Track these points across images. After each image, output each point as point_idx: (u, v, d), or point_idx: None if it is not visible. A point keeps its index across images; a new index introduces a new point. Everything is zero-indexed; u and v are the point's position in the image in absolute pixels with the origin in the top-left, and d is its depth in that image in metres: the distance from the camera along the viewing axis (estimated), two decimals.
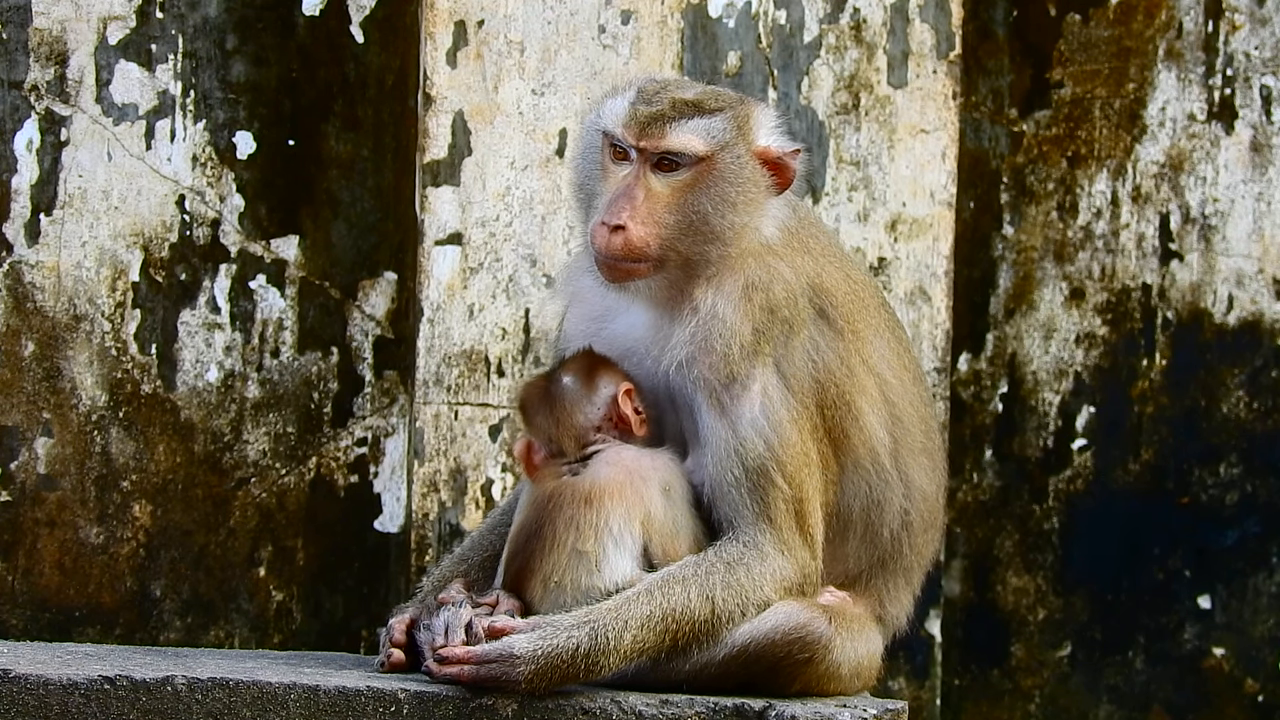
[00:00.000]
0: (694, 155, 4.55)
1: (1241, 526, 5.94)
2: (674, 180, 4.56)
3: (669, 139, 4.55)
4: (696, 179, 4.56)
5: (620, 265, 4.54)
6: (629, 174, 4.57)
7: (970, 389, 5.93)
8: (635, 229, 4.52)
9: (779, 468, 4.51)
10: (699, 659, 4.47)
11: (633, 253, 4.53)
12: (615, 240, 4.52)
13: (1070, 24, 5.94)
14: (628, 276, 4.56)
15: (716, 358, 4.55)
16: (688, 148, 4.55)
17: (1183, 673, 5.94)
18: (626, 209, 4.52)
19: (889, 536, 4.72)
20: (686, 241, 4.55)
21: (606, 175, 4.60)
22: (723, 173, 4.57)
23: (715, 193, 4.56)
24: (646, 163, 4.56)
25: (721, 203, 4.56)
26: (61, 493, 5.60)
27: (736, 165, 4.58)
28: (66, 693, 4.37)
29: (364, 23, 5.69)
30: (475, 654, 4.36)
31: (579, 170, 4.73)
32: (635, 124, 4.56)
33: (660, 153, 4.55)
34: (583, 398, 4.61)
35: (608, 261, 4.55)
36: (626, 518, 4.49)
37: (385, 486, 5.70)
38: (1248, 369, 5.95)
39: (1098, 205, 5.94)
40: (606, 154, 4.61)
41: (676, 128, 4.56)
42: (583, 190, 4.70)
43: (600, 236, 4.54)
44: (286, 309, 5.67)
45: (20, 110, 5.58)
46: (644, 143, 4.55)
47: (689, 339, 4.56)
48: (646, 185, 4.55)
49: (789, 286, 4.60)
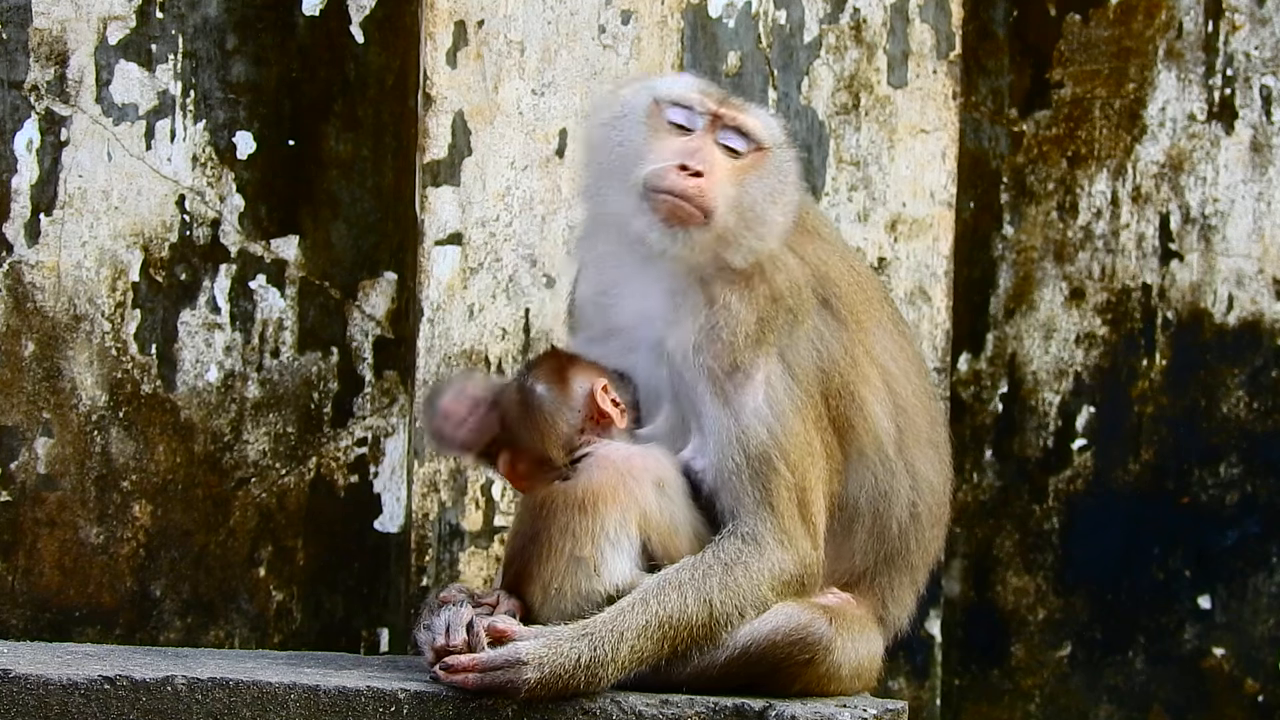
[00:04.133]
0: (759, 140, 4.61)
1: (1241, 526, 5.95)
2: (732, 162, 4.59)
3: (746, 116, 4.62)
4: (751, 166, 4.60)
5: (683, 207, 4.52)
6: (695, 139, 4.59)
7: (970, 389, 5.93)
8: (708, 180, 4.53)
9: (782, 455, 4.51)
10: (700, 662, 4.47)
11: (700, 197, 4.52)
12: (690, 181, 4.52)
13: (1070, 24, 5.94)
14: (684, 222, 4.53)
15: (721, 346, 4.55)
16: (756, 130, 4.61)
17: (1183, 673, 5.94)
18: (702, 162, 4.54)
19: (897, 530, 4.71)
20: (737, 219, 4.56)
21: (658, 138, 4.60)
22: (777, 168, 4.63)
23: (768, 185, 4.61)
24: (711, 133, 4.60)
25: (770, 195, 4.60)
26: (61, 493, 5.60)
27: (786, 164, 4.65)
28: (66, 693, 4.37)
29: (364, 23, 5.69)
30: (481, 661, 4.35)
31: (610, 137, 4.67)
32: (714, 94, 4.63)
33: (734, 126, 4.59)
34: (561, 404, 4.57)
35: (672, 197, 4.52)
36: (622, 520, 4.47)
37: (385, 486, 5.70)
38: (1248, 369, 5.95)
39: (1098, 205, 5.94)
40: (658, 119, 4.61)
41: (750, 109, 4.65)
42: (619, 156, 4.63)
43: (673, 174, 4.52)
44: (286, 309, 5.67)
45: (20, 110, 5.59)
46: (723, 110, 4.59)
47: (698, 328, 4.56)
48: (714, 153, 4.58)
49: (794, 276, 4.61)
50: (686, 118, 4.60)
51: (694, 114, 4.59)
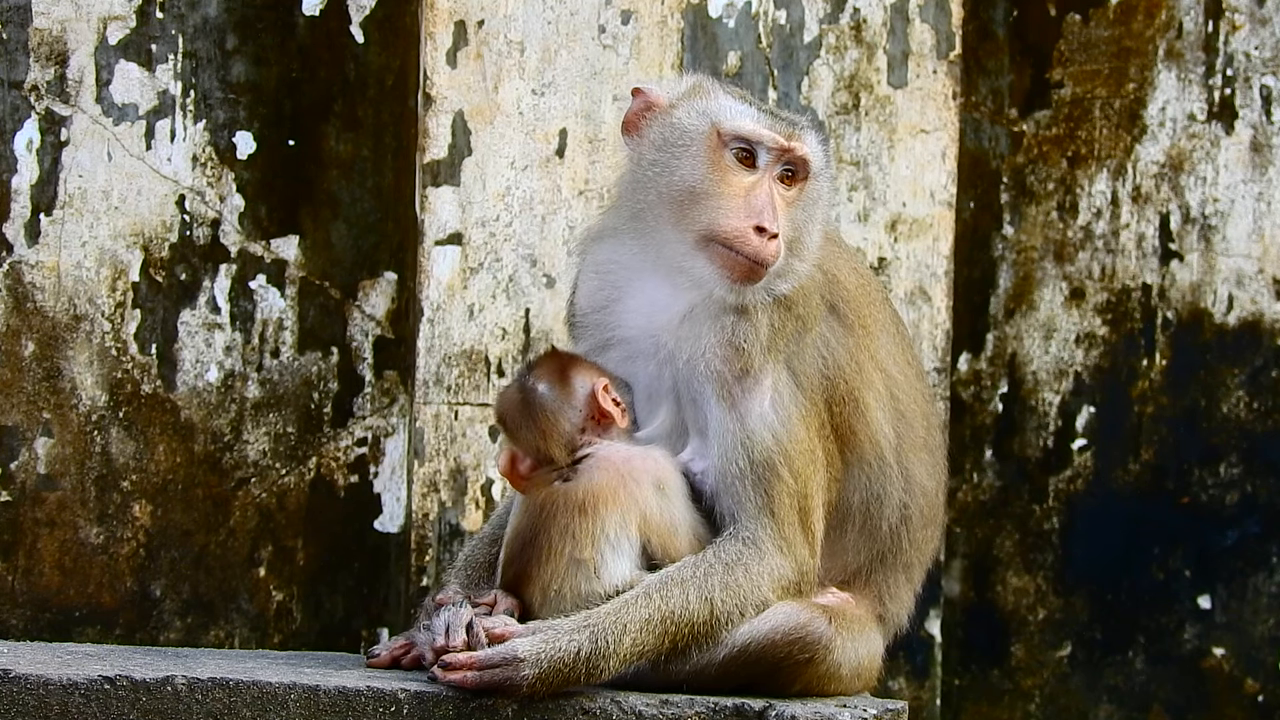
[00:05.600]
0: (813, 169, 4.57)
1: (1241, 526, 5.95)
2: (789, 193, 4.55)
3: (808, 145, 4.56)
4: (800, 194, 4.57)
5: (757, 271, 4.50)
6: (761, 178, 4.53)
7: (970, 389, 5.93)
8: (781, 239, 4.50)
9: (786, 462, 4.51)
10: (699, 660, 4.47)
11: (777, 260, 4.50)
12: (771, 246, 4.48)
13: (1070, 24, 5.94)
14: (757, 279, 4.51)
15: (734, 352, 4.54)
16: (814, 162, 4.57)
17: (1183, 673, 5.94)
18: (770, 216, 4.49)
19: (888, 530, 4.72)
20: (787, 254, 4.55)
21: (722, 175, 4.52)
22: (819, 191, 4.61)
23: (812, 211, 4.60)
24: (773, 170, 4.54)
25: (813, 219, 4.60)
26: (61, 493, 5.60)
27: (826, 184, 4.65)
28: (66, 693, 4.37)
29: (364, 23, 5.69)
30: (479, 659, 4.35)
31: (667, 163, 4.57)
32: (780, 127, 4.54)
33: (797, 159, 4.53)
34: (562, 403, 4.57)
35: (751, 264, 4.49)
36: (622, 522, 4.47)
37: (385, 486, 5.70)
38: (1248, 369, 5.95)
39: (1098, 205, 5.94)
40: (719, 152, 4.53)
41: (808, 138, 4.57)
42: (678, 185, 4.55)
43: (753, 240, 4.47)
44: (286, 309, 5.67)
45: (20, 110, 5.59)
46: (792, 144, 4.53)
47: (719, 338, 4.54)
48: (776, 192, 4.53)
49: (805, 283, 4.61)
50: (752, 154, 4.53)
51: (763, 150, 4.53)
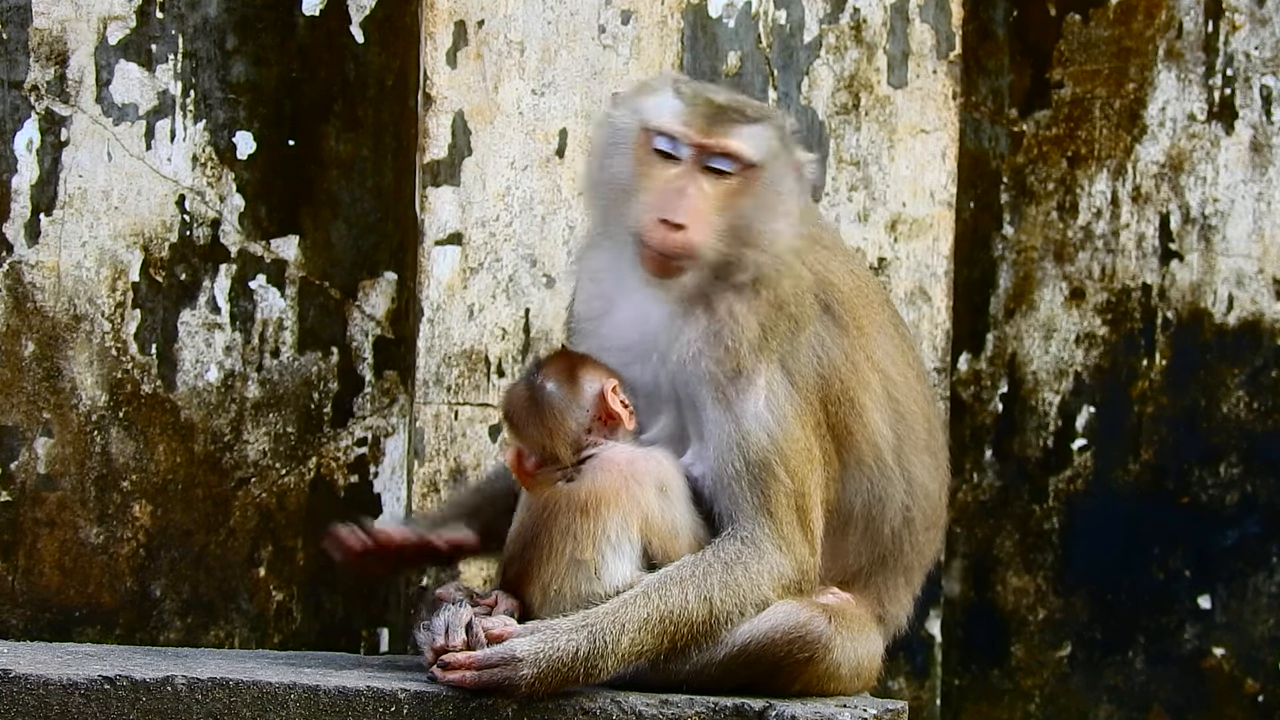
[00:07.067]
0: (748, 161, 4.55)
1: (1241, 526, 5.94)
2: (722, 185, 4.55)
3: (731, 140, 4.54)
4: (744, 186, 4.56)
5: (672, 263, 4.52)
6: (680, 173, 4.54)
7: (970, 389, 5.93)
8: (695, 230, 4.50)
9: (781, 461, 4.51)
10: (699, 659, 4.47)
11: (689, 251, 4.51)
12: (674, 238, 4.50)
13: (1070, 24, 5.94)
14: (673, 274, 4.54)
15: (724, 352, 4.54)
16: (744, 152, 4.55)
17: (1183, 673, 5.94)
18: (684, 209, 4.50)
19: (890, 534, 4.72)
20: (734, 246, 4.54)
21: (648, 171, 4.56)
22: (770, 182, 4.58)
23: (762, 201, 4.57)
24: (698, 163, 4.55)
25: (766, 211, 4.57)
26: (61, 493, 5.60)
27: (782, 175, 4.60)
28: (66, 693, 4.37)
29: (364, 23, 5.69)
30: (477, 659, 4.36)
31: (605, 163, 4.66)
32: (697, 122, 4.55)
33: (720, 152, 4.53)
34: (571, 402, 4.57)
35: (661, 257, 4.52)
36: (624, 524, 4.47)
37: (385, 486, 5.70)
38: (1248, 369, 5.95)
39: (1098, 205, 5.94)
40: (646, 149, 4.57)
41: (737, 131, 4.55)
42: (612, 184, 4.63)
43: (657, 232, 4.50)
44: (286, 309, 5.67)
45: (20, 110, 5.59)
46: (708, 140, 4.53)
47: (700, 336, 4.56)
48: (699, 185, 4.53)
49: (797, 282, 4.61)
50: (672, 147, 4.55)
51: (681, 145, 4.55)
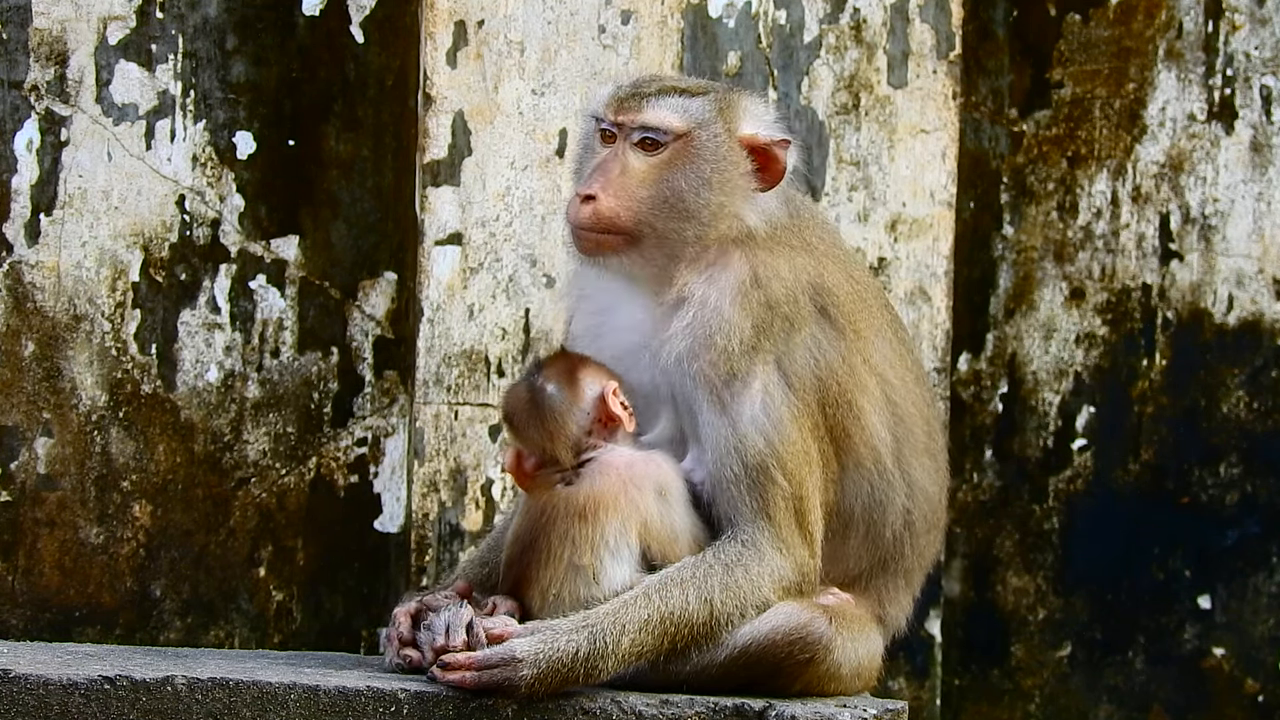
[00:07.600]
0: (671, 131, 4.59)
1: (1241, 526, 5.95)
2: (653, 158, 4.60)
3: (645, 114, 4.60)
4: (674, 157, 4.59)
5: (589, 235, 4.57)
6: (609, 152, 4.62)
7: (970, 389, 5.93)
8: (605, 199, 4.56)
9: (779, 464, 4.51)
10: (699, 660, 4.47)
11: (600, 222, 4.56)
12: (585, 210, 4.57)
13: (1070, 24, 5.94)
14: (598, 248, 4.59)
15: (717, 354, 4.54)
16: (664, 123, 4.59)
17: (1183, 673, 5.94)
18: (599, 180, 4.57)
19: (891, 537, 4.72)
20: (661, 218, 4.57)
21: (593, 157, 4.66)
22: (700, 151, 4.60)
23: (691, 170, 4.59)
24: (627, 140, 4.60)
25: (697, 180, 4.59)
26: (61, 493, 5.60)
27: (714, 145, 4.61)
28: (66, 693, 4.37)
29: (364, 23, 5.69)
30: (477, 659, 4.36)
31: (575, 159, 4.80)
32: (615, 101, 4.63)
33: (637, 127, 4.59)
34: (571, 404, 4.57)
35: (577, 231, 4.59)
36: (622, 529, 4.47)
37: (385, 486, 5.70)
38: (1248, 369, 5.95)
39: (1098, 205, 5.94)
40: (595, 137, 4.67)
41: (654, 104, 4.61)
42: (576, 176, 4.76)
43: (572, 206, 4.60)
44: (286, 309, 5.67)
45: (20, 110, 5.59)
46: (622, 117, 4.60)
47: (686, 330, 4.56)
48: (624, 161, 4.59)
49: (789, 284, 4.60)
50: (606, 129, 4.64)
51: (606, 124, 4.64)
